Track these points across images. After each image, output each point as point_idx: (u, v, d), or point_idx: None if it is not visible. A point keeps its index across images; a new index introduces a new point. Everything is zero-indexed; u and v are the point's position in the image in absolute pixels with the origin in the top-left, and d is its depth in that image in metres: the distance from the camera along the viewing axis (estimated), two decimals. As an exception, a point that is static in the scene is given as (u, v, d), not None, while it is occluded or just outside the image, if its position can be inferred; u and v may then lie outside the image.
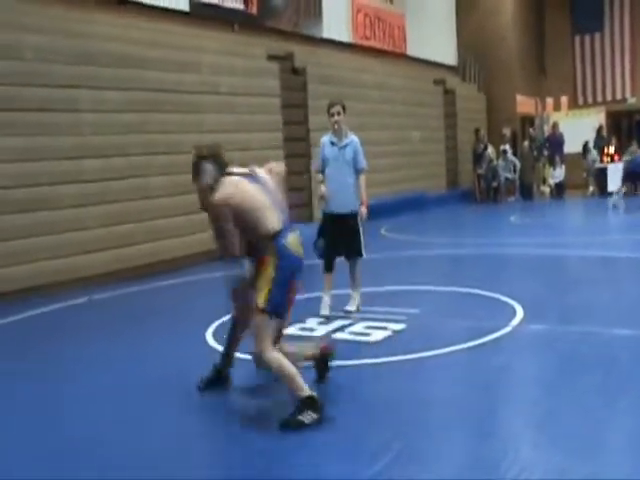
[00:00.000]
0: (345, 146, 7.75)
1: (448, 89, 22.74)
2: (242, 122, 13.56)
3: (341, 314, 7.57)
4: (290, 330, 7.03)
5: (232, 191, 4.63)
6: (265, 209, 4.64)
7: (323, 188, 7.75)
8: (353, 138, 7.81)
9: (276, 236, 4.62)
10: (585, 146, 23.16)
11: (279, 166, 5.37)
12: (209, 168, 4.79)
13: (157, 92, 11.78)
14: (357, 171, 7.79)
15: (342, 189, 7.69)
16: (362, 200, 7.78)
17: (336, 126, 7.72)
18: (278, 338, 4.84)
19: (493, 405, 4.94)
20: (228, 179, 4.74)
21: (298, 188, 14.79)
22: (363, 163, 7.82)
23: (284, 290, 4.63)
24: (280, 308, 4.63)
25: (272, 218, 4.65)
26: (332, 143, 7.79)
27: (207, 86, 12.87)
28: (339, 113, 7.66)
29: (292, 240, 4.72)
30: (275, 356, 4.62)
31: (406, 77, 20.88)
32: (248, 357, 5.30)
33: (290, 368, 4.63)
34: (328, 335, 6.77)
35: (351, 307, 7.74)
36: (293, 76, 15.51)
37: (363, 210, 7.74)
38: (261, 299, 4.53)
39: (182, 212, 11.64)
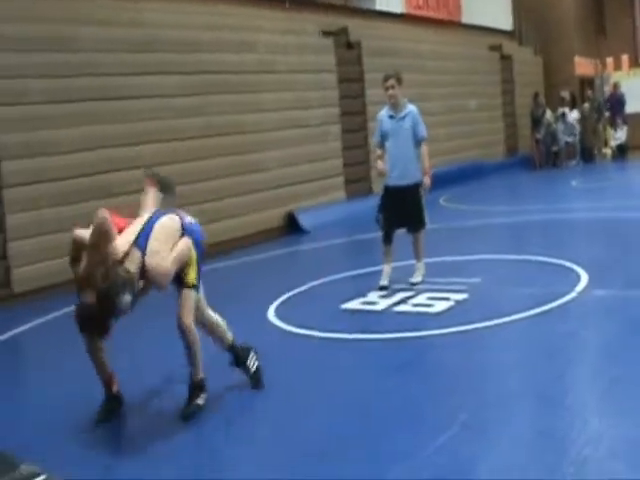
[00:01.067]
0: (404, 117, 7.72)
1: (504, 55, 22.41)
2: (300, 99, 13.64)
3: (403, 286, 7.63)
4: (353, 304, 7.18)
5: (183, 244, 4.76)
6: None
7: (380, 164, 7.80)
8: (412, 108, 7.78)
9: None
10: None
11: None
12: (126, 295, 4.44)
13: (214, 74, 11.90)
14: (417, 141, 7.74)
15: (403, 161, 7.68)
16: (425, 170, 7.74)
17: (392, 100, 7.73)
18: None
19: (558, 373, 4.96)
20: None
21: (356, 162, 14.85)
22: (423, 132, 7.76)
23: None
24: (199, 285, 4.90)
25: None
26: (390, 117, 7.78)
27: (264, 65, 12.95)
28: (393, 87, 7.66)
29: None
30: (195, 331, 4.77)
31: (462, 45, 20.65)
32: None
33: (199, 347, 4.80)
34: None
35: (416, 279, 7.78)
36: (348, 50, 15.50)
37: (427, 180, 7.72)
38: (192, 276, 4.78)
39: (237, 193, 11.90)
